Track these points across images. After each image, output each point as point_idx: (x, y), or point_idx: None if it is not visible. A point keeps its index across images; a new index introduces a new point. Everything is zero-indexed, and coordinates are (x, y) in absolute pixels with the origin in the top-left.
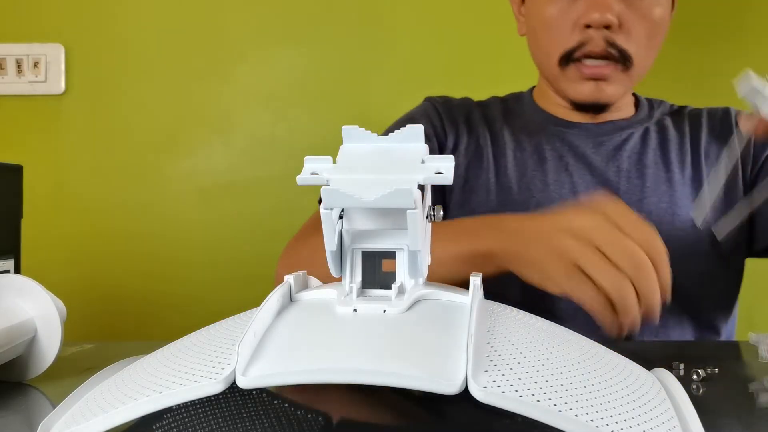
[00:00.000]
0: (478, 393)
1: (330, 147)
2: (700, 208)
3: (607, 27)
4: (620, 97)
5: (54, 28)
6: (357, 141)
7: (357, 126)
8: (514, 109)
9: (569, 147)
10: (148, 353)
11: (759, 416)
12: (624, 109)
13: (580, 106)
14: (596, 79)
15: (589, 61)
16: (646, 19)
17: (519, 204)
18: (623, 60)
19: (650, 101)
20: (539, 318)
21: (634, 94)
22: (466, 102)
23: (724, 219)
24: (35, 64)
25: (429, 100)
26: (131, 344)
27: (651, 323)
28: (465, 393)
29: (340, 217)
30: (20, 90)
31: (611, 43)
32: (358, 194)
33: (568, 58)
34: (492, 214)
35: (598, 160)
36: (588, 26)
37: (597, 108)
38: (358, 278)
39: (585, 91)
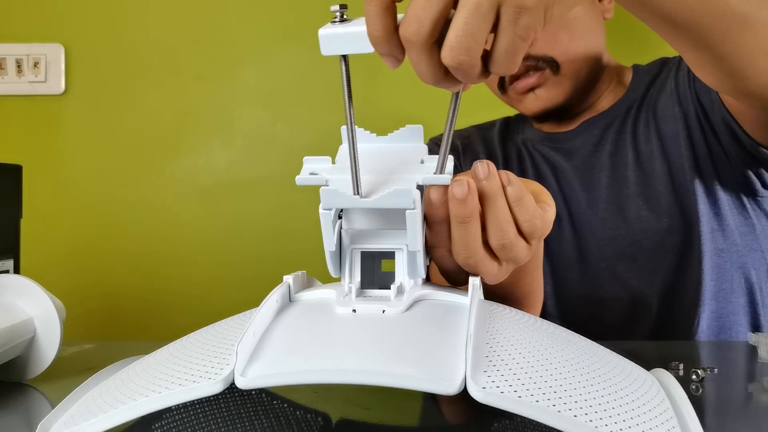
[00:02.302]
0: (477, 393)
1: (329, 147)
2: None
3: None
4: (567, 97)
5: (54, 28)
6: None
7: (356, 126)
8: (513, 129)
9: (545, 159)
10: (147, 353)
11: (758, 416)
12: (603, 102)
13: (537, 118)
14: (531, 89)
15: (519, 79)
16: (562, 19)
17: None
18: (549, 65)
19: (656, 73)
20: (538, 318)
21: (634, 68)
22: (463, 133)
23: None
24: (35, 64)
25: (433, 141)
26: (131, 344)
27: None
28: (464, 393)
29: (340, 217)
30: (20, 90)
31: (529, 56)
32: (356, 194)
33: (502, 84)
34: None
35: (570, 170)
36: None
37: (554, 114)
38: (357, 278)
39: (528, 105)
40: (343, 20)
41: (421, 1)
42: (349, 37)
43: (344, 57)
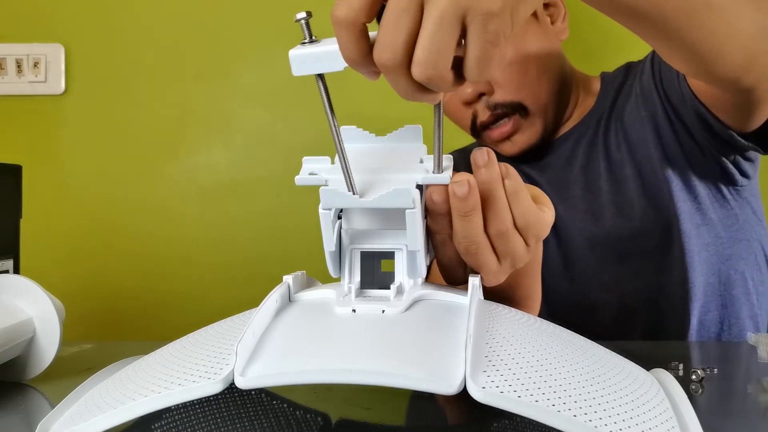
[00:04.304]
0: (476, 393)
1: (329, 147)
2: None
3: (482, 94)
4: (541, 134)
5: (54, 28)
6: (355, 141)
7: (355, 126)
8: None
9: (524, 175)
10: (147, 353)
11: (758, 416)
12: (574, 115)
13: (516, 159)
14: (507, 137)
15: (491, 128)
16: (519, 62)
17: None
18: (517, 111)
19: (622, 81)
20: (538, 318)
21: (602, 76)
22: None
23: None
24: (35, 64)
25: None
26: (131, 344)
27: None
28: (464, 393)
29: (339, 217)
30: (20, 90)
31: (495, 105)
32: (356, 194)
33: (475, 132)
34: None
35: (545, 185)
36: (468, 103)
37: (532, 152)
38: (357, 278)
39: (505, 150)
40: (312, 41)
41: (390, 26)
42: (319, 57)
43: (320, 75)
